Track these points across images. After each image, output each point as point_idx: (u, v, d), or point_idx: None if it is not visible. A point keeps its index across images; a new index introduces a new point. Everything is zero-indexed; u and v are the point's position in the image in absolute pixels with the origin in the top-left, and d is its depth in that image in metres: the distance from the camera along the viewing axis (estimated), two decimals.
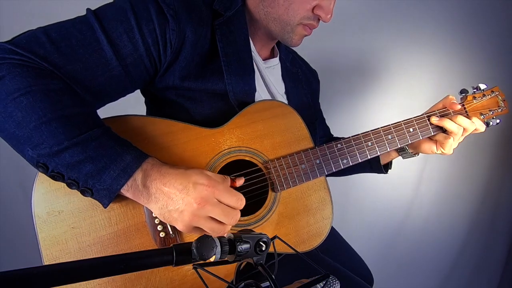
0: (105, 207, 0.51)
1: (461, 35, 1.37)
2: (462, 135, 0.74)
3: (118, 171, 0.48)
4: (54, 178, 0.48)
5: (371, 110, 1.41)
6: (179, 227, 0.51)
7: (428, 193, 1.53)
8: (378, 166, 0.85)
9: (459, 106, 0.75)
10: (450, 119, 0.73)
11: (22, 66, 0.47)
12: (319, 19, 0.66)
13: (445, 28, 1.35)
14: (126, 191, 0.50)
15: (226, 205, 0.51)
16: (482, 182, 1.56)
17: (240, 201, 0.52)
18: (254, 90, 0.69)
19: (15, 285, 0.27)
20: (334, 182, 0.94)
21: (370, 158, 0.72)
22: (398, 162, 0.88)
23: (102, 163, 0.48)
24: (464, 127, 0.72)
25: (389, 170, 0.88)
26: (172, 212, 0.50)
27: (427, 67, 1.39)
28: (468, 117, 0.80)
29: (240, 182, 0.59)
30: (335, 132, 0.99)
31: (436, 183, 1.53)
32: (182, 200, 0.49)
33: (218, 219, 0.50)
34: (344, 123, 1.37)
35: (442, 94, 0.81)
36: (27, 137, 0.46)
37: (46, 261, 0.53)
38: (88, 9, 0.55)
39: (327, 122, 0.97)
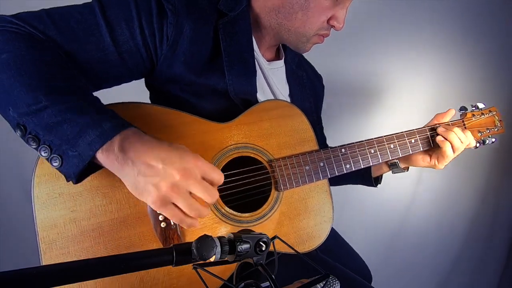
0: (67, 180, 0.47)
1: (465, 48, 1.40)
2: (459, 149, 0.75)
3: (94, 136, 0.45)
4: (29, 142, 0.46)
5: (372, 120, 1.43)
6: (151, 199, 0.45)
7: (427, 193, 1.54)
8: (369, 179, 0.86)
9: (453, 111, 0.78)
10: (453, 131, 0.74)
11: (17, 33, 0.49)
12: (331, 28, 0.69)
13: (448, 38, 1.37)
14: (100, 154, 0.45)
15: (209, 181, 0.47)
16: (482, 182, 1.58)
17: (222, 179, 0.49)
18: (255, 91, 0.69)
19: (15, 285, 0.27)
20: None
21: (363, 171, 0.72)
22: None
23: (79, 127, 0.45)
24: (462, 140, 0.74)
25: (379, 185, 0.89)
26: (149, 181, 0.44)
27: (430, 78, 1.41)
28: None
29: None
30: (337, 141, 1.00)
31: (435, 183, 1.54)
32: (163, 170, 0.44)
33: (200, 195, 0.46)
34: (346, 131, 1.38)
35: (444, 105, 0.83)
36: (8, 95, 0.46)
37: (42, 244, 0.52)
38: None
39: (330, 130, 0.98)
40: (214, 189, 0.48)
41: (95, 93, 0.62)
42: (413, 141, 0.77)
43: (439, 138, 0.74)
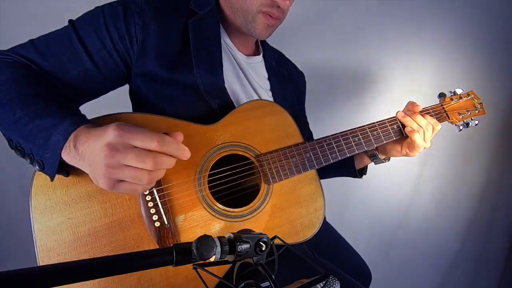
0: (51, 179, 0.51)
1: (457, 38, 1.42)
2: (424, 135, 0.76)
3: (58, 136, 0.48)
4: (17, 152, 0.52)
5: (363, 113, 1.44)
6: (102, 184, 0.46)
7: (427, 193, 1.54)
8: (353, 170, 0.89)
9: (421, 107, 0.79)
10: (410, 117, 0.76)
11: (5, 62, 0.58)
12: (279, 6, 0.68)
13: (446, 31, 1.39)
14: (66, 155, 0.48)
15: (143, 148, 0.44)
16: (481, 182, 1.57)
17: (156, 139, 0.44)
18: (222, 82, 0.71)
19: (15, 285, 0.27)
20: (334, 182, 0.96)
21: (347, 164, 0.74)
22: (398, 161, 0.90)
23: (46, 130, 0.49)
24: (421, 125, 0.76)
25: (364, 176, 0.91)
26: (94, 170, 0.46)
27: (420, 69, 1.43)
28: (447, 115, 0.86)
29: (177, 136, 0.50)
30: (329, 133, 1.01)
31: (435, 182, 1.54)
32: (95, 152, 0.44)
33: (136, 165, 0.44)
34: (336, 124, 1.38)
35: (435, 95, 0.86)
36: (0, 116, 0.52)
37: (40, 252, 0.53)
38: (69, 20, 0.63)
39: (320, 123, 1.01)
40: (152, 154, 0.44)
41: (83, 107, 0.66)
42: (395, 127, 0.79)
43: (406, 130, 0.77)
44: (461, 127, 0.89)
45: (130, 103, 0.76)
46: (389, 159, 0.87)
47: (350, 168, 0.88)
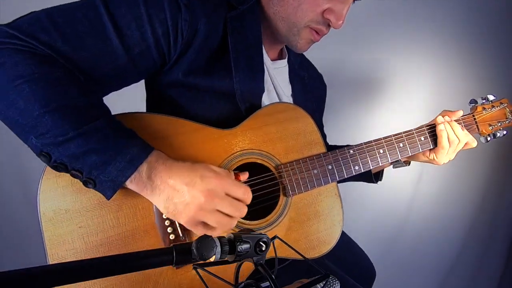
0: (108, 199, 0.49)
1: (466, 42, 1.38)
2: (456, 146, 0.73)
3: (124, 163, 0.47)
4: (56, 168, 0.46)
5: (377, 118, 1.42)
6: (183, 221, 0.50)
7: (428, 193, 1.54)
8: (369, 175, 0.84)
9: (461, 112, 0.75)
10: (450, 124, 0.72)
11: (24, 52, 0.45)
12: (329, 25, 0.62)
13: (450, 35, 1.36)
14: (130, 182, 0.48)
15: (234, 198, 0.51)
16: (482, 182, 1.58)
17: (247, 193, 0.52)
18: (262, 90, 0.67)
19: (16, 285, 0.27)
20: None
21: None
22: None
23: (107, 155, 0.46)
24: (458, 134, 0.73)
25: (379, 182, 0.87)
26: (178, 205, 0.49)
27: (434, 76, 1.40)
28: (477, 127, 0.81)
29: (244, 177, 0.58)
30: (340, 138, 0.98)
31: (436, 183, 1.54)
32: (188, 193, 0.48)
33: (226, 212, 0.50)
34: (349, 131, 1.37)
35: (449, 102, 0.81)
36: (32, 126, 0.44)
37: (51, 261, 0.51)
38: None
39: (332, 129, 0.96)
40: (240, 204, 0.51)
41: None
42: (422, 138, 0.75)
43: (438, 128, 0.72)
44: (488, 139, 0.84)
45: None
46: (409, 163, 0.83)
47: (366, 173, 0.84)
